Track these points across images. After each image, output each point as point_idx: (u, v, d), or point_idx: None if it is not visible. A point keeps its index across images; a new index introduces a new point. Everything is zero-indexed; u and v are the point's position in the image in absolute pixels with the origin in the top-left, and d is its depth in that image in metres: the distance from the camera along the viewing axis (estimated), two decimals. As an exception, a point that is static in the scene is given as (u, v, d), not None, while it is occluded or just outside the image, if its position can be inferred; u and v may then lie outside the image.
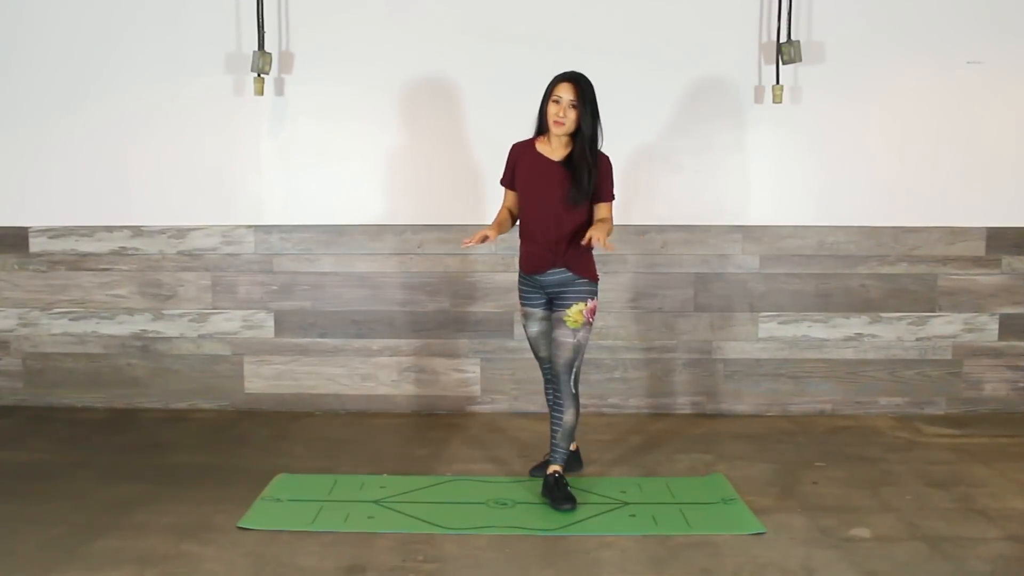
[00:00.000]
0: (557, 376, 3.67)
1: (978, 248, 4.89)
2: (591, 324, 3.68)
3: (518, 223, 3.79)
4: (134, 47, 4.82)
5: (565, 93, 3.55)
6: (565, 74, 3.61)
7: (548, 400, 3.88)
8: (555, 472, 3.68)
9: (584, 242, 3.47)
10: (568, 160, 3.61)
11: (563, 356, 3.63)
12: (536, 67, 4.55)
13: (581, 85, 3.56)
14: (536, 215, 3.65)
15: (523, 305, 3.80)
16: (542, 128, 3.69)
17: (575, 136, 3.61)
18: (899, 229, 4.88)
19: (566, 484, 3.66)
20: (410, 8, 4.77)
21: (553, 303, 3.70)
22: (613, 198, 3.69)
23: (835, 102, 4.79)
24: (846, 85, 4.77)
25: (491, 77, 4.77)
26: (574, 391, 3.67)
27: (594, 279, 3.70)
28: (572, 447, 3.88)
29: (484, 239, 3.56)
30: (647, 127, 4.80)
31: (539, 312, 3.75)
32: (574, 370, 3.65)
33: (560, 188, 3.59)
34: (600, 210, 3.65)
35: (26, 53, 4.85)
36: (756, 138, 4.82)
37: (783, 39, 4.68)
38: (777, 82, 4.70)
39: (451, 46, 4.78)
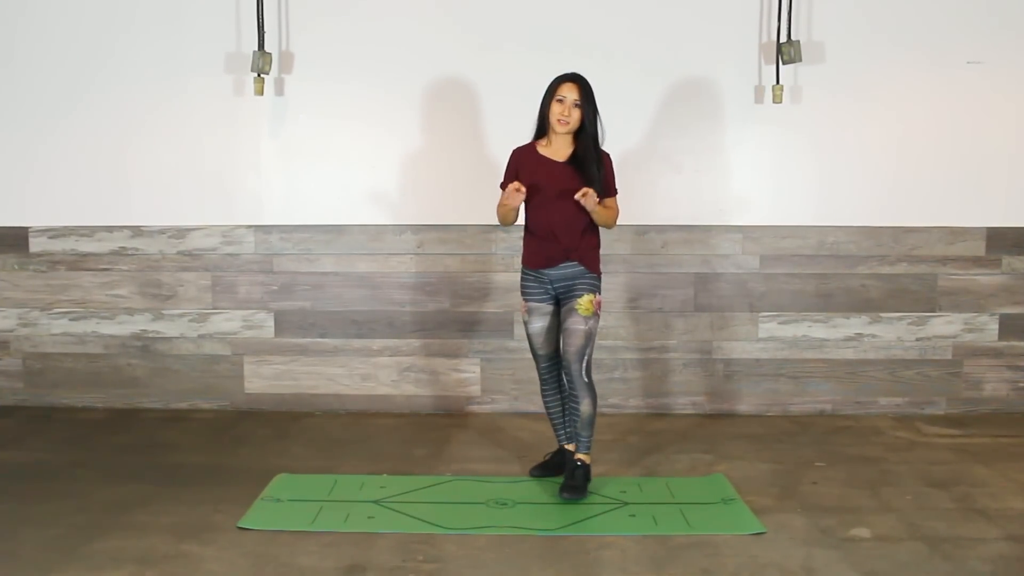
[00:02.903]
0: (568, 366, 3.67)
1: (978, 248, 4.89)
2: (598, 315, 3.72)
3: (523, 222, 3.81)
4: (134, 47, 4.82)
5: (569, 93, 3.60)
6: (567, 75, 3.66)
7: (545, 399, 3.90)
8: (579, 460, 3.73)
9: (579, 195, 3.51)
10: (574, 159, 3.67)
11: (575, 343, 3.64)
12: (536, 67, 4.55)
13: (584, 85, 3.62)
14: (547, 216, 3.67)
15: (527, 301, 3.80)
16: (543, 130, 3.72)
17: (577, 135, 3.67)
18: (899, 229, 4.88)
19: (584, 476, 3.70)
20: (409, 8, 4.77)
21: (561, 298, 3.74)
22: (617, 192, 3.77)
23: (835, 102, 4.79)
24: (846, 85, 4.77)
25: (491, 77, 4.77)
26: (587, 380, 3.67)
27: (599, 275, 3.76)
28: (573, 446, 3.85)
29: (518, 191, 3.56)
30: (647, 127, 4.80)
31: (544, 307, 3.76)
32: (585, 358, 3.66)
33: (570, 187, 3.61)
34: (606, 204, 3.71)
35: (26, 52, 4.85)
36: (756, 138, 4.82)
37: (783, 39, 4.68)
38: (777, 82, 4.70)
39: (451, 46, 4.78)
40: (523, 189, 3.56)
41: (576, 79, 3.63)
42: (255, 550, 3.19)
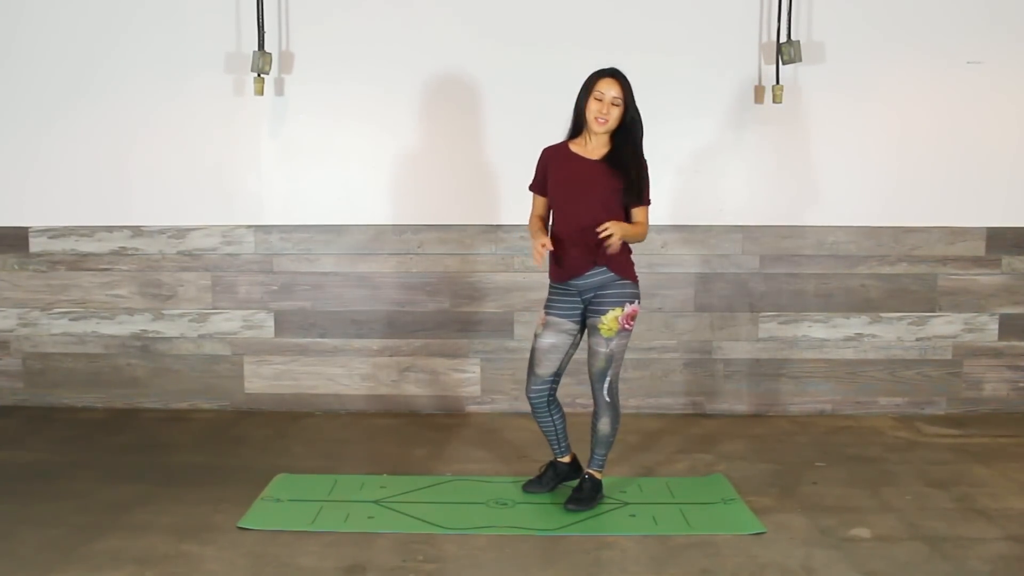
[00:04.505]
0: (591, 384, 3.54)
1: (978, 248, 4.89)
2: (629, 330, 3.48)
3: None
4: (134, 47, 4.82)
5: (608, 89, 3.38)
6: (606, 70, 3.43)
7: (538, 422, 3.69)
8: (587, 474, 3.65)
9: (601, 233, 3.26)
10: (612, 158, 3.43)
11: (595, 365, 3.50)
12: (537, 66, 4.58)
13: (624, 81, 3.41)
14: (575, 217, 3.42)
15: (547, 314, 3.55)
16: (578, 128, 3.50)
17: (613, 134, 3.46)
18: (899, 229, 4.88)
19: (592, 489, 3.60)
20: (410, 7, 4.77)
21: (588, 308, 3.50)
22: (649, 203, 3.51)
23: (835, 102, 4.79)
24: (846, 85, 4.77)
25: (492, 76, 4.76)
26: (608, 399, 3.52)
27: (635, 280, 3.52)
28: (567, 459, 3.78)
29: (544, 246, 3.38)
30: (647, 127, 4.76)
31: (563, 323, 3.52)
32: (607, 379, 3.49)
33: (602, 187, 3.40)
34: (636, 214, 3.46)
35: (26, 52, 4.85)
36: (756, 138, 4.82)
37: (783, 39, 4.68)
38: (777, 82, 4.71)
39: (452, 45, 4.77)
40: (549, 245, 3.36)
41: (616, 74, 3.40)
42: (255, 550, 3.19)
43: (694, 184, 4.85)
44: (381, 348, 4.98)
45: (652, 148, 4.75)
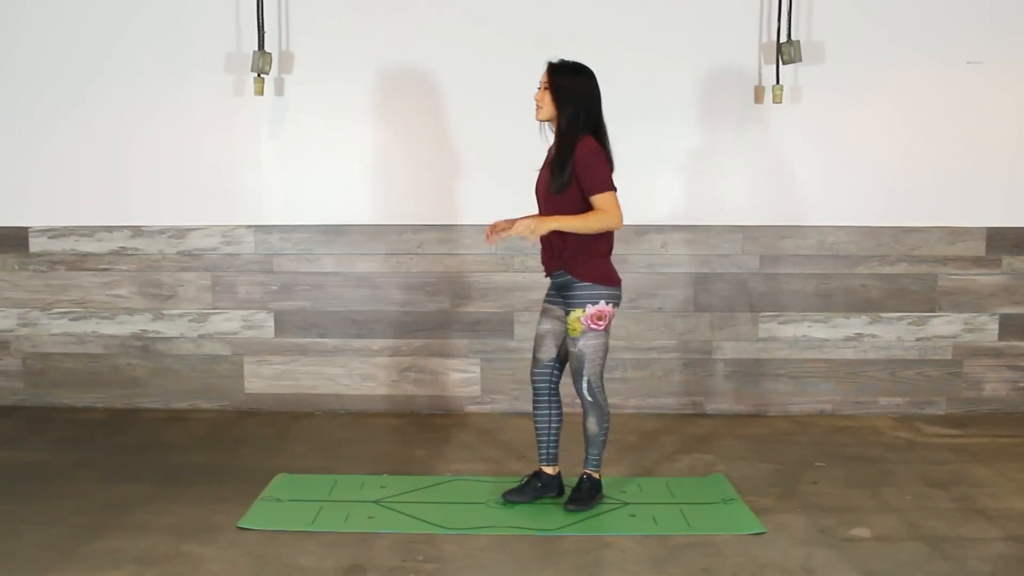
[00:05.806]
0: (572, 383, 3.55)
1: (978, 248, 4.89)
2: (597, 330, 3.46)
3: None
4: (134, 47, 4.82)
5: (543, 77, 3.44)
6: None
7: (534, 413, 3.68)
8: (585, 474, 3.63)
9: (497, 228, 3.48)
10: (553, 157, 3.47)
11: (572, 364, 3.53)
12: (538, 67, 4.55)
13: (555, 67, 3.42)
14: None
15: (544, 301, 3.66)
16: None
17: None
18: (899, 229, 4.88)
19: (590, 490, 3.59)
20: (410, 7, 4.77)
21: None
22: (605, 189, 3.33)
23: (835, 102, 4.79)
24: (846, 85, 4.77)
25: (493, 76, 4.76)
26: (590, 398, 3.53)
27: (600, 282, 3.44)
28: (553, 471, 3.69)
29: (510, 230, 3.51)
30: (647, 127, 4.80)
31: (555, 310, 3.59)
32: (585, 378, 3.49)
33: (544, 187, 3.48)
34: (594, 202, 3.35)
35: (26, 52, 4.85)
36: (756, 138, 4.82)
37: (783, 39, 4.68)
38: (777, 82, 4.71)
39: (452, 46, 4.77)
40: (490, 236, 3.54)
41: (552, 63, 3.43)
42: (255, 550, 3.19)
43: (694, 184, 4.85)
44: (381, 348, 4.98)
45: (652, 148, 4.81)
